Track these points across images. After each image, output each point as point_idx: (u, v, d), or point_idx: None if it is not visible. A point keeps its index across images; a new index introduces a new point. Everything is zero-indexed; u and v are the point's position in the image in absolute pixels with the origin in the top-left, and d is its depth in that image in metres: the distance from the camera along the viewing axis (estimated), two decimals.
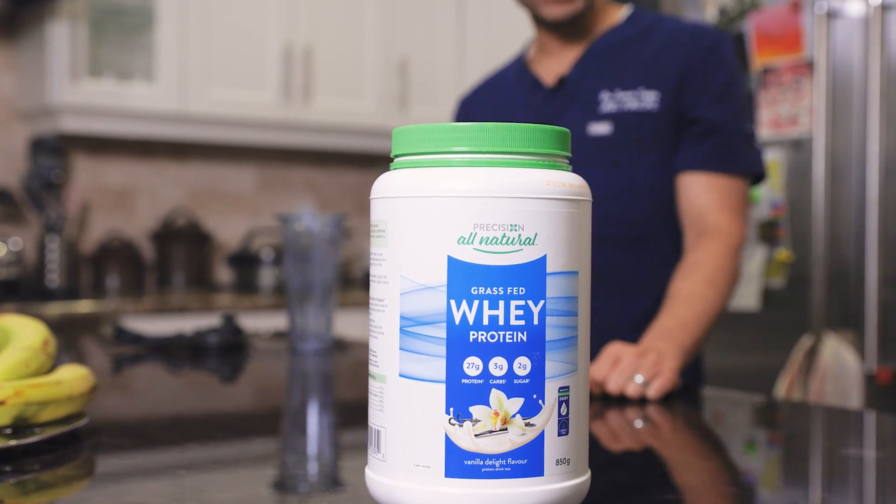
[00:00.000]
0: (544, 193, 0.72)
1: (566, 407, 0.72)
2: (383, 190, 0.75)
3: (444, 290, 0.71)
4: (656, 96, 1.64)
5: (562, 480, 0.72)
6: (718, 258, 1.58)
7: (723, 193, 1.62)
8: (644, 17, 1.74)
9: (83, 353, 1.91)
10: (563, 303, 0.73)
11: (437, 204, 0.71)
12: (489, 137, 0.72)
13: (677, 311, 1.51)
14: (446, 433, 0.71)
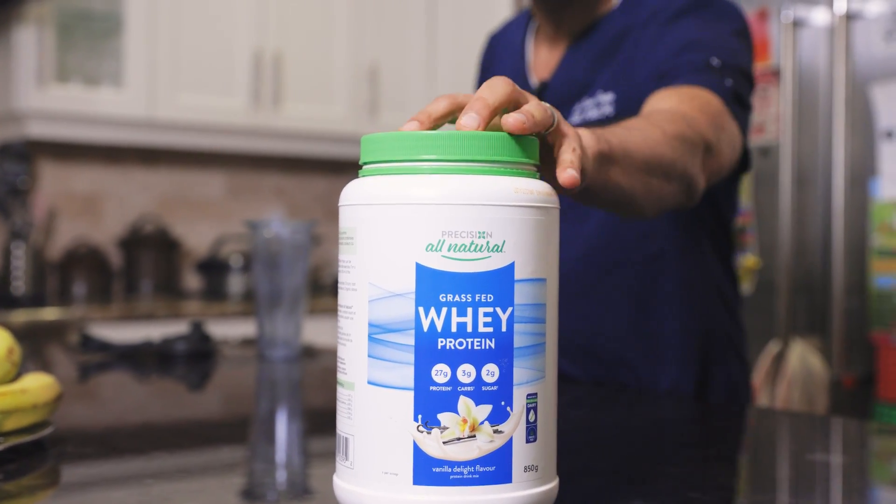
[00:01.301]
0: (512, 201, 0.72)
1: (534, 414, 0.73)
2: (352, 197, 0.75)
3: (413, 297, 0.71)
4: (613, 99, 1.47)
5: (529, 487, 0.73)
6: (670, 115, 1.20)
7: (686, 98, 1.30)
8: (641, 8, 1.51)
9: (49, 361, 1.89)
10: (531, 310, 0.73)
11: (405, 211, 0.71)
12: (457, 146, 0.72)
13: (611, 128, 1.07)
14: (414, 440, 0.71)
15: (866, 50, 2.35)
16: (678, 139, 1.13)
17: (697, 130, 1.19)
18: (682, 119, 1.19)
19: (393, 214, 0.72)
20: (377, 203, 0.73)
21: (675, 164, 1.11)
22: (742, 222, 2.59)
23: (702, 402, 1.44)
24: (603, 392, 1.49)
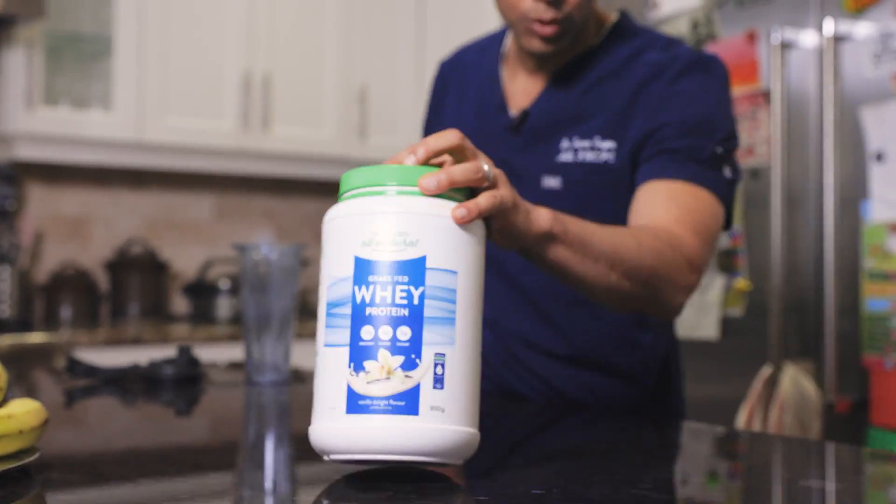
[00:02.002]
0: (427, 211, 0.96)
1: (441, 368, 0.93)
2: (325, 217, 1.02)
3: (351, 279, 0.96)
4: (613, 147, 1.50)
5: (434, 422, 0.92)
6: (657, 236, 1.32)
7: (682, 209, 1.39)
8: (626, 38, 1.57)
9: (35, 385, 1.87)
10: (440, 291, 0.95)
11: (350, 220, 0.98)
12: (391, 177, 0.98)
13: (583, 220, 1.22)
14: (347, 382, 0.94)
15: (855, 72, 2.35)
16: (652, 253, 1.27)
17: (682, 253, 1.33)
18: (667, 241, 1.32)
19: (342, 224, 0.98)
20: (335, 217, 0.99)
21: (640, 268, 1.25)
22: (732, 245, 2.59)
23: (688, 424, 1.43)
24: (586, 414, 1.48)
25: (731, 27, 2.60)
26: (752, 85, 2.55)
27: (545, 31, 1.49)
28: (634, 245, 1.26)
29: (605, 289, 1.24)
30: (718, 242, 1.62)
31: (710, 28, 2.63)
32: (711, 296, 2.62)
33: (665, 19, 2.74)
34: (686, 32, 2.68)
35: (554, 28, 1.49)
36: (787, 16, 2.48)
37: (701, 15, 2.65)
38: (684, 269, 1.33)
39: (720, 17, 2.61)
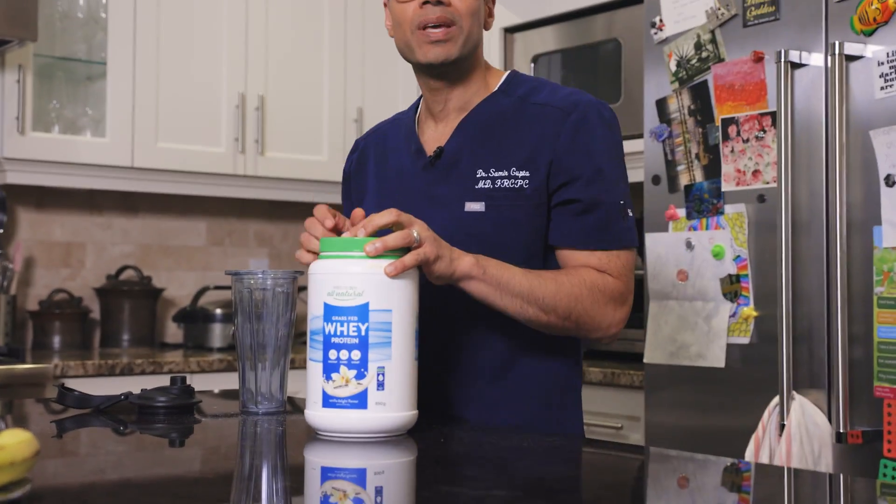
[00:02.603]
0: (369, 270, 1.45)
1: (382, 376, 1.44)
2: (309, 270, 1.53)
3: (322, 318, 1.48)
4: (528, 176, 1.72)
5: (379, 412, 1.45)
6: (580, 278, 1.68)
7: (603, 262, 1.72)
8: (519, 86, 1.82)
9: (26, 415, 1.86)
10: (380, 325, 1.45)
11: (322, 276, 1.49)
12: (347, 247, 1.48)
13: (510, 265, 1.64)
14: (322, 387, 1.47)
15: (864, 94, 2.32)
16: (570, 295, 1.66)
17: (604, 293, 1.69)
18: (590, 285, 1.68)
19: (317, 278, 1.50)
20: (314, 272, 1.51)
21: (556, 307, 1.65)
22: (738, 270, 2.55)
23: (697, 456, 1.39)
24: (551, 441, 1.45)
25: (736, 48, 2.57)
26: (759, 107, 2.52)
27: (436, 35, 1.72)
28: (553, 287, 1.65)
29: (525, 319, 1.66)
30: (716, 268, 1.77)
31: (716, 49, 2.60)
32: (717, 323, 2.58)
33: (669, 40, 2.71)
34: (691, 53, 2.65)
35: (443, 30, 1.72)
36: (793, 36, 2.45)
37: (706, 36, 2.62)
38: (606, 305, 1.70)
39: (725, 38, 2.59)
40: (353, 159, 2.01)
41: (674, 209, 2.69)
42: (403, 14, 1.75)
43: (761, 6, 2.52)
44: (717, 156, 2.60)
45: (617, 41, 3.37)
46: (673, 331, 2.68)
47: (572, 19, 3.55)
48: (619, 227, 1.74)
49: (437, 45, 1.72)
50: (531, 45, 3.67)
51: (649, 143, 2.76)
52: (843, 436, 2.29)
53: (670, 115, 2.70)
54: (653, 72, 2.76)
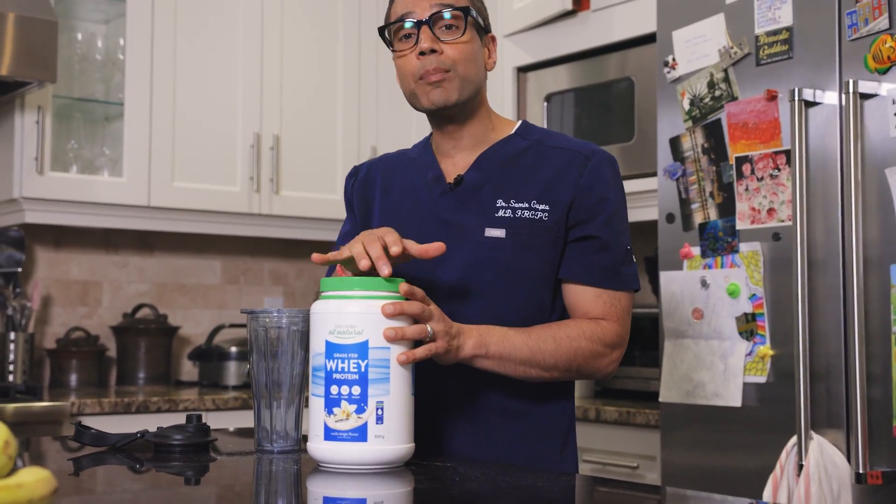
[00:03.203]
0: (368, 311, 1.53)
1: (381, 410, 1.51)
2: (311, 308, 1.60)
3: (323, 355, 1.54)
4: (547, 210, 1.83)
5: (377, 445, 1.51)
6: (579, 330, 1.79)
7: (607, 303, 1.83)
8: (534, 132, 1.93)
9: (43, 453, 1.85)
10: (379, 361, 1.52)
11: (324, 315, 1.56)
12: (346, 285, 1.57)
13: (511, 329, 1.75)
14: (324, 420, 1.53)
15: (879, 131, 2.32)
16: (569, 351, 1.77)
17: (601, 340, 1.80)
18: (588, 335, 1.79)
19: (319, 317, 1.56)
20: (316, 311, 1.58)
21: (557, 364, 1.76)
22: (754, 309, 2.55)
23: (714, 497, 1.38)
24: None
25: (750, 86, 2.57)
26: (773, 144, 2.52)
27: (434, 78, 1.82)
28: (552, 346, 1.75)
29: (528, 378, 1.77)
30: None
31: (729, 87, 2.61)
32: (733, 362, 2.57)
33: (682, 79, 2.72)
34: (704, 92, 2.66)
35: (440, 74, 1.82)
36: (807, 75, 2.46)
37: (719, 74, 2.63)
38: (604, 353, 1.81)
39: (739, 77, 2.60)
40: (355, 183, 2.05)
41: (688, 247, 2.69)
42: (405, 67, 1.87)
43: (774, 45, 2.53)
44: (732, 194, 2.60)
45: (630, 80, 3.39)
46: (689, 369, 2.67)
47: (585, 58, 3.56)
48: (626, 271, 1.85)
49: (435, 89, 1.83)
50: (544, 84, 3.68)
51: (663, 181, 2.76)
52: (863, 476, 2.28)
53: (684, 153, 2.71)
54: (666, 110, 2.77)
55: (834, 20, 2.42)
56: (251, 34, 3.83)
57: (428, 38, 1.83)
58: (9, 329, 3.54)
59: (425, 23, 1.83)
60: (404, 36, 1.87)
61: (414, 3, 1.85)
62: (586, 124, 3.64)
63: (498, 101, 3.64)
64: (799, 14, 2.49)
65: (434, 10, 1.84)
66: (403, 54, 1.87)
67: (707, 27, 2.67)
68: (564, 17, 3.57)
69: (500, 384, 1.82)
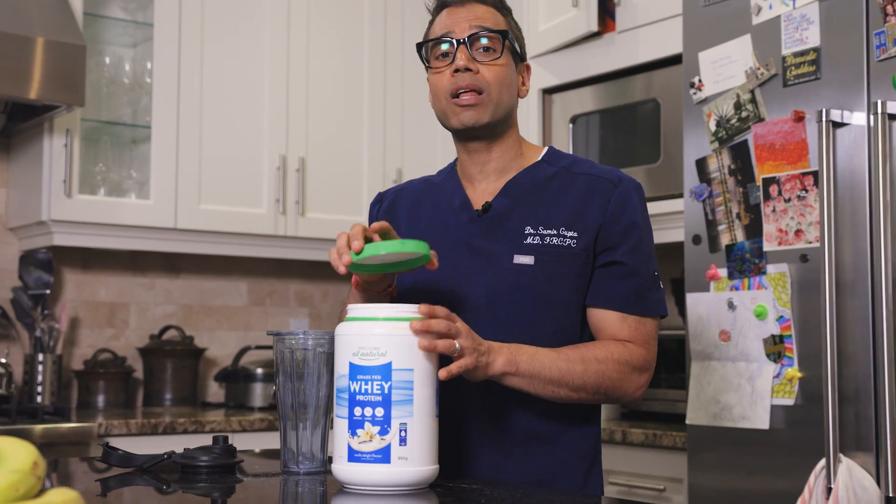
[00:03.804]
0: (392, 333, 1.54)
1: (404, 432, 1.52)
2: (335, 331, 1.61)
3: (347, 376, 1.55)
4: (576, 236, 1.84)
5: (400, 466, 1.51)
6: (607, 352, 1.80)
7: (633, 328, 1.84)
8: (561, 159, 1.94)
9: (71, 473, 1.86)
10: (402, 383, 1.53)
11: (347, 338, 1.56)
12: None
13: (541, 349, 1.75)
14: (347, 442, 1.54)
15: None
16: (597, 373, 1.77)
17: (629, 363, 1.80)
18: (616, 357, 1.79)
19: (344, 339, 1.57)
20: (340, 333, 1.58)
21: (585, 385, 1.76)
22: (782, 331, 2.53)
23: None
24: None
25: (777, 107, 2.56)
26: (801, 166, 2.51)
27: (466, 100, 1.84)
28: (581, 368, 1.76)
29: (556, 398, 1.77)
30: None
31: (756, 109, 2.60)
32: (761, 384, 2.55)
33: (708, 100, 2.72)
34: (731, 113, 2.65)
35: (472, 95, 1.84)
36: (835, 95, 2.44)
37: (745, 95, 2.62)
38: (631, 376, 1.81)
39: (765, 98, 2.59)
40: (381, 209, 2.07)
41: (715, 269, 2.68)
42: (439, 83, 1.88)
43: (802, 66, 2.52)
44: (759, 215, 2.59)
45: (656, 101, 3.38)
46: (716, 392, 2.65)
47: (611, 80, 3.56)
48: (652, 297, 1.86)
49: (467, 110, 1.84)
50: (569, 105, 3.68)
51: (689, 202, 2.75)
52: (893, 499, 2.26)
53: (710, 174, 2.70)
54: (692, 132, 2.76)
55: (862, 40, 2.41)
56: (277, 58, 3.86)
57: (464, 57, 1.84)
58: (37, 350, 3.56)
59: (463, 42, 1.85)
60: (441, 54, 1.88)
61: (454, 22, 1.87)
62: (612, 146, 3.63)
63: (523, 123, 3.63)
64: (826, 34, 2.48)
65: (473, 31, 1.86)
66: (439, 71, 1.88)
67: (733, 48, 2.67)
68: (590, 39, 3.57)
69: (525, 406, 1.82)
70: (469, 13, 1.88)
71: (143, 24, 3.72)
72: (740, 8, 2.66)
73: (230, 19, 3.79)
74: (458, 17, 1.88)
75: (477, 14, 1.88)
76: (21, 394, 3.58)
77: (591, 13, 3.48)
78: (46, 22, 3.26)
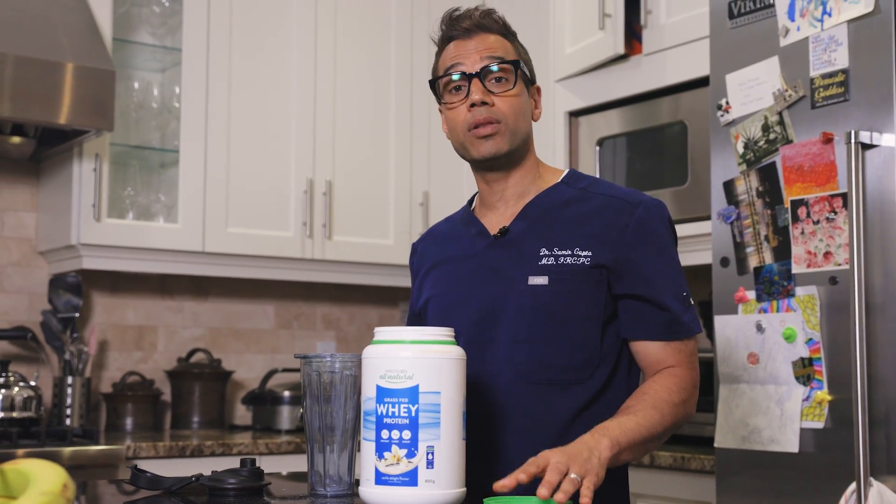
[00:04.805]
0: (419, 354, 1.54)
1: (432, 455, 1.52)
2: (363, 353, 1.60)
3: (374, 399, 1.55)
4: (589, 255, 1.83)
5: (428, 489, 1.52)
6: (667, 389, 1.80)
7: (676, 352, 1.86)
8: (580, 180, 1.94)
9: (99, 496, 1.87)
10: (429, 406, 1.53)
11: (373, 360, 1.57)
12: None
13: (618, 416, 1.73)
14: (375, 465, 1.53)
15: None
16: (671, 415, 1.78)
17: (685, 390, 1.82)
18: (676, 390, 1.81)
19: (371, 361, 1.57)
20: (367, 356, 1.58)
21: (668, 429, 1.78)
22: (811, 354, 2.51)
23: None
24: None
25: (805, 129, 2.55)
26: (829, 188, 2.50)
27: (484, 131, 1.85)
28: (658, 417, 1.76)
29: (647, 453, 1.81)
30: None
31: (784, 130, 2.59)
32: (790, 407, 2.53)
33: (736, 122, 2.71)
34: (758, 135, 2.64)
35: (490, 127, 1.85)
36: (864, 117, 2.43)
37: (773, 117, 2.62)
38: (688, 399, 1.84)
39: (794, 120, 2.58)
40: (414, 261, 2.12)
41: (743, 291, 2.66)
42: (456, 118, 1.89)
43: (830, 87, 2.51)
44: (787, 237, 2.57)
45: (683, 124, 3.38)
46: (744, 415, 2.63)
47: (637, 102, 3.56)
48: (687, 318, 1.86)
49: (486, 141, 1.86)
50: (596, 128, 3.68)
51: (717, 224, 2.74)
52: None
53: (738, 196, 2.69)
54: (720, 154, 2.75)
55: (891, 61, 2.40)
56: (304, 82, 3.88)
57: (479, 91, 1.85)
58: (66, 373, 3.58)
59: (476, 75, 1.86)
60: (454, 88, 1.89)
61: (463, 55, 1.88)
62: (639, 168, 3.63)
63: (549, 146, 3.64)
64: (855, 56, 2.47)
65: (484, 63, 1.86)
66: (454, 106, 1.89)
67: (761, 70, 2.66)
68: (616, 62, 3.58)
69: (551, 430, 1.82)
70: (478, 44, 1.88)
71: (171, 49, 3.75)
72: (768, 30, 2.65)
73: (257, 44, 3.81)
74: (468, 49, 1.88)
75: (486, 44, 1.88)
76: (50, 416, 3.60)
77: (617, 36, 3.48)
78: (76, 48, 3.29)
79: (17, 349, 3.67)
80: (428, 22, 4.12)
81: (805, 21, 2.58)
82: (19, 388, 3.38)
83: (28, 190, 3.74)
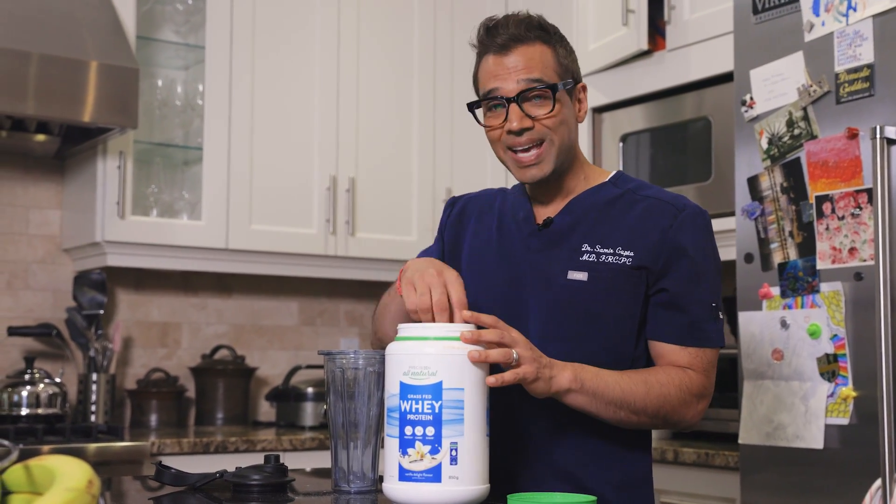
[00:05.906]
0: (442, 352, 1.54)
1: (455, 451, 1.52)
2: (386, 349, 1.61)
3: (398, 396, 1.55)
4: (631, 255, 1.82)
5: (451, 486, 1.52)
6: (668, 377, 1.80)
7: (692, 356, 1.84)
8: (628, 182, 1.93)
9: (124, 492, 1.88)
10: (453, 402, 1.53)
11: (397, 357, 1.57)
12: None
13: (602, 369, 1.74)
14: (398, 461, 1.54)
15: None
16: (658, 396, 1.77)
17: (689, 391, 1.80)
18: (677, 383, 1.79)
19: (395, 358, 1.58)
20: (391, 353, 1.59)
21: (646, 409, 1.76)
22: (836, 350, 2.50)
23: None
24: None
25: (830, 125, 2.54)
26: (854, 183, 2.48)
27: (527, 160, 1.83)
28: (643, 390, 1.75)
29: (616, 421, 1.77)
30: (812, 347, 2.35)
31: (808, 126, 2.58)
32: (815, 403, 2.52)
33: (760, 118, 2.70)
34: (783, 131, 2.63)
35: (534, 154, 1.82)
36: (889, 112, 2.42)
37: (798, 113, 2.60)
38: (690, 402, 1.81)
39: (818, 115, 2.56)
40: (451, 214, 2.06)
41: (767, 287, 2.65)
42: (495, 138, 1.85)
43: (855, 82, 2.50)
44: (812, 233, 2.56)
45: (707, 119, 3.36)
46: (769, 411, 2.62)
47: (661, 98, 3.55)
48: (710, 328, 1.84)
49: (531, 168, 1.83)
50: (619, 124, 3.67)
51: (741, 220, 2.73)
52: None
53: (762, 192, 2.68)
54: (744, 149, 2.74)
55: None
56: (327, 79, 3.88)
57: (517, 117, 1.80)
58: (91, 370, 3.60)
59: (513, 100, 1.80)
60: (493, 106, 1.84)
61: (502, 75, 1.81)
62: (662, 164, 3.61)
63: None
64: (880, 51, 2.45)
65: (521, 88, 1.79)
66: (493, 129, 1.84)
67: (785, 66, 2.65)
68: (640, 58, 3.56)
69: (578, 427, 1.82)
70: (516, 61, 1.80)
71: (194, 46, 3.76)
72: (792, 25, 2.64)
73: (281, 41, 3.82)
74: (506, 69, 1.80)
75: (524, 61, 1.80)
76: (75, 413, 3.62)
77: (641, 32, 3.47)
78: (100, 46, 3.31)
79: (42, 346, 3.70)
80: (450, 18, 4.13)
81: (830, 16, 2.56)
82: (44, 384, 3.40)
83: (53, 188, 3.76)
